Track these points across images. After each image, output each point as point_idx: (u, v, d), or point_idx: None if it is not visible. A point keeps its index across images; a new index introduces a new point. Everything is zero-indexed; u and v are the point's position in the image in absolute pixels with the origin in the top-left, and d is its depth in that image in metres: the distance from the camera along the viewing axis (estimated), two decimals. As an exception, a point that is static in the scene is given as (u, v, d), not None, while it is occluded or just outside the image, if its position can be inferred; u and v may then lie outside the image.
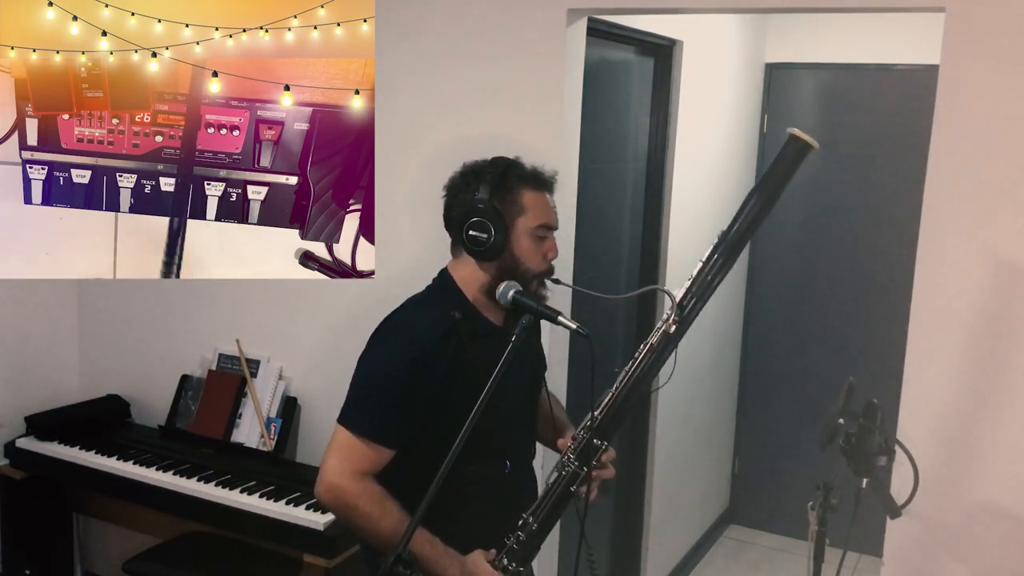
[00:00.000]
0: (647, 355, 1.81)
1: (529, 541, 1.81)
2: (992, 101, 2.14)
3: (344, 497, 1.81)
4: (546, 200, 1.93)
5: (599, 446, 1.82)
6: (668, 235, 3.54)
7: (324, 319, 3.03)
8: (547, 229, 1.92)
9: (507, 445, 1.97)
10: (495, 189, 1.87)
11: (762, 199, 1.80)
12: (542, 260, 1.91)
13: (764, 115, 4.48)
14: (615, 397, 1.82)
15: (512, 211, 1.87)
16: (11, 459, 3.18)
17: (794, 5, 2.58)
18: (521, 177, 1.91)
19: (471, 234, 1.85)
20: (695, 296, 1.81)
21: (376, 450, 1.82)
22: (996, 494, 2.23)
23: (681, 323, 1.80)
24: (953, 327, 2.23)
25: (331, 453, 1.84)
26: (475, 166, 1.94)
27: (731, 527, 4.76)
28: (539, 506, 1.83)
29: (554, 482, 1.83)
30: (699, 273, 1.81)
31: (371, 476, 1.83)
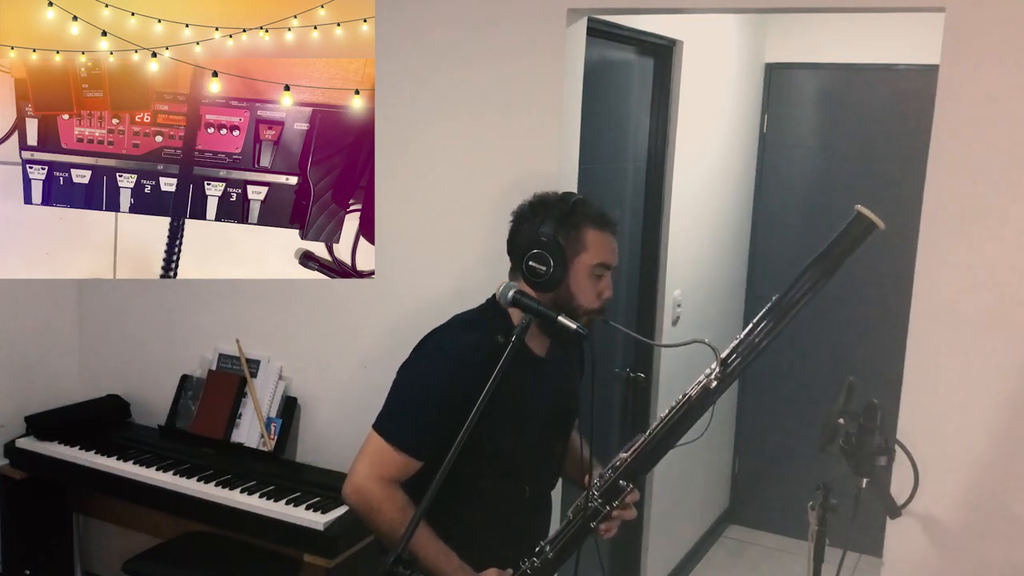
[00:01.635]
0: (683, 406, 1.85)
1: (543, 568, 1.87)
2: (992, 101, 2.14)
3: (370, 500, 1.86)
4: (608, 240, 1.96)
5: (624, 487, 1.88)
6: (668, 235, 3.54)
7: (324, 319, 3.03)
8: (605, 268, 1.95)
9: (529, 470, 2.02)
10: (560, 224, 1.89)
11: (819, 272, 1.83)
12: (596, 298, 1.94)
13: (764, 115, 4.48)
14: (646, 443, 1.88)
15: (574, 247, 1.90)
16: (11, 459, 3.18)
17: (794, 5, 2.58)
18: (587, 216, 1.93)
19: (531, 264, 1.88)
20: (740, 356, 1.84)
21: (406, 459, 1.88)
22: (996, 494, 2.23)
23: (723, 380, 1.83)
24: (953, 327, 2.22)
25: (362, 457, 1.90)
26: (545, 198, 1.97)
27: (731, 527, 4.76)
28: (558, 536, 1.88)
29: (575, 516, 1.88)
30: (747, 334, 1.84)
31: (398, 483, 1.88)
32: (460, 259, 2.73)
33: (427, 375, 1.92)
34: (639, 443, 1.88)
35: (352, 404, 2.96)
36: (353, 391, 2.96)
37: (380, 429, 1.90)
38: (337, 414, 3.04)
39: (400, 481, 1.89)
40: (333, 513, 2.68)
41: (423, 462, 1.89)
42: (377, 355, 2.87)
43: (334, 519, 2.66)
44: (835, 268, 1.82)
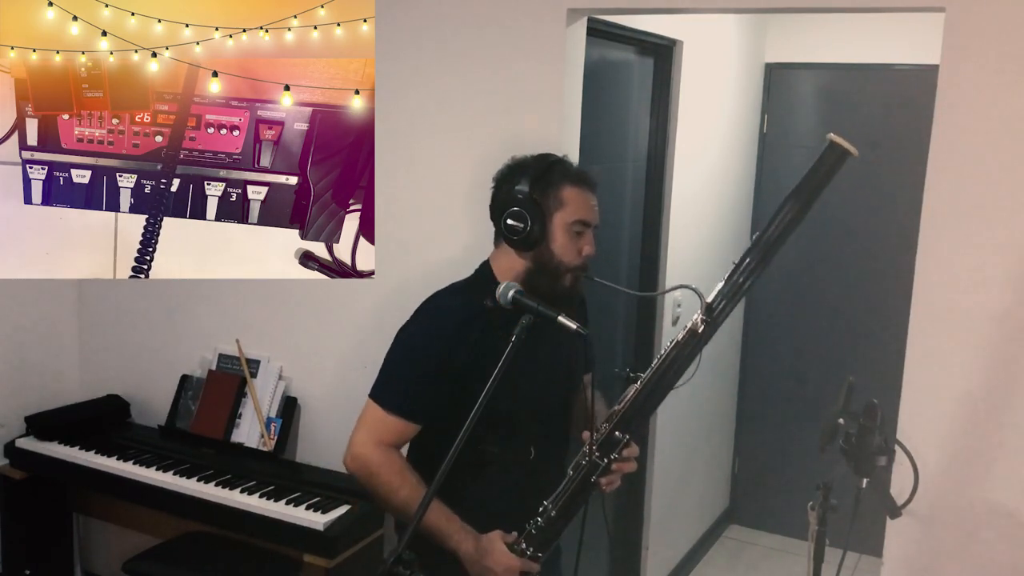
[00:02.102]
0: (673, 351, 1.85)
1: (548, 527, 1.86)
2: (992, 101, 2.14)
3: (368, 466, 1.91)
4: (587, 197, 1.98)
5: (621, 439, 1.87)
6: (668, 235, 3.54)
7: (324, 319, 3.03)
8: (584, 225, 1.96)
9: (531, 432, 2.02)
10: (536, 181, 1.93)
11: (797, 204, 1.82)
12: (577, 255, 1.95)
13: (764, 115, 4.48)
14: (639, 392, 1.86)
15: (551, 204, 1.93)
16: (11, 459, 3.18)
17: (794, 5, 2.58)
18: (564, 173, 1.96)
19: (508, 223, 1.93)
20: (725, 298, 1.85)
21: (401, 423, 1.93)
22: (996, 494, 2.23)
23: (710, 324, 1.83)
24: (953, 327, 2.23)
25: (360, 424, 1.95)
26: (522, 159, 2.01)
27: (731, 527, 4.76)
28: (559, 494, 1.88)
29: (575, 472, 1.88)
30: (731, 275, 1.85)
31: (395, 448, 1.93)
32: (460, 258, 2.72)
33: (415, 340, 1.97)
34: (632, 393, 1.87)
35: (352, 404, 2.94)
36: (353, 391, 2.94)
37: (375, 395, 1.96)
38: (337, 414, 3.03)
39: (398, 445, 1.94)
40: (333, 513, 2.68)
41: (419, 425, 1.94)
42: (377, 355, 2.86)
43: (334, 519, 2.66)
44: (812, 199, 1.81)
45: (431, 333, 1.95)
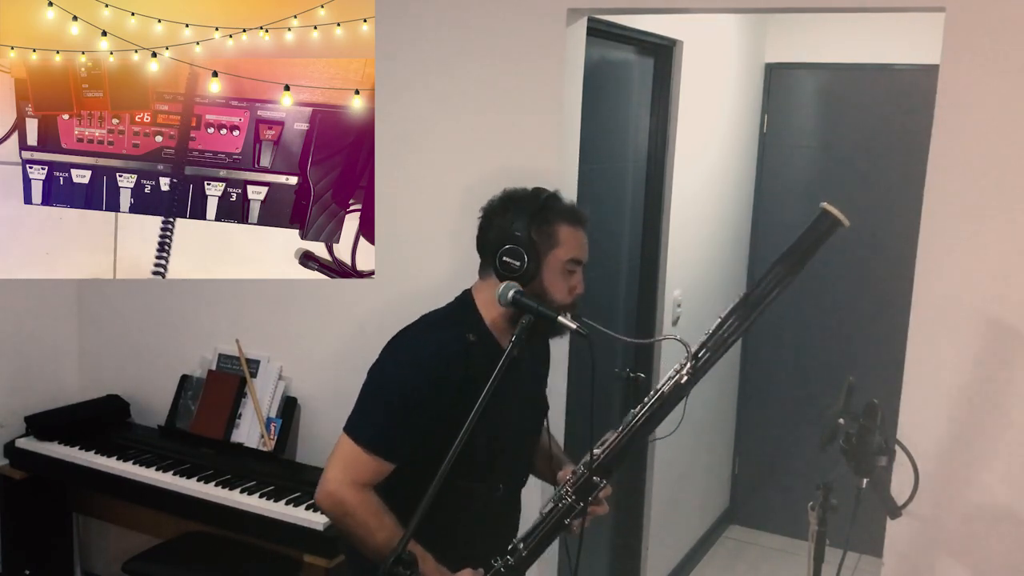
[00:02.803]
0: (656, 402, 1.86)
1: (517, 567, 1.86)
2: (992, 101, 2.14)
3: (343, 505, 1.84)
4: (580, 236, 1.96)
5: (597, 483, 1.87)
6: (668, 235, 3.54)
7: (324, 319, 3.03)
8: (576, 264, 1.95)
9: (504, 469, 2.01)
10: (533, 219, 1.89)
11: (785, 269, 1.83)
12: (568, 294, 1.94)
13: (764, 115, 4.48)
14: (619, 438, 1.87)
15: (547, 243, 1.90)
16: (11, 459, 3.18)
17: (794, 5, 2.58)
18: (559, 211, 1.94)
19: (504, 260, 1.89)
20: (710, 351, 1.86)
21: (378, 462, 1.85)
22: (996, 494, 2.23)
23: (693, 374, 1.85)
24: (953, 326, 2.23)
25: (334, 461, 1.87)
26: (515, 193, 1.97)
27: (731, 527, 4.76)
28: (531, 534, 1.87)
29: (549, 513, 1.88)
30: (715, 330, 1.86)
31: (371, 487, 1.86)
32: (460, 259, 2.73)
33: (398, 377, 1.90)
34: (612, 439, 1.87)
35: (352, 404, 2.96)
36: (353, 391, 2.93)
37: (351, 432, 1.87)
38: (337, 414, 3.00)
39: (373, 484, 1.86)
40: (333, 513, 2.68)
41: (396, 464, 1.87)
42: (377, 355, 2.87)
43: (334, 519, 2.66)
44: (801, 265, 1.82)
45: (416, 372, 1.87)
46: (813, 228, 1.82)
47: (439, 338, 1.92)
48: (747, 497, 4.77)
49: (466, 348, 1.88)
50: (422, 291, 2.81)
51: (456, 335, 1.90)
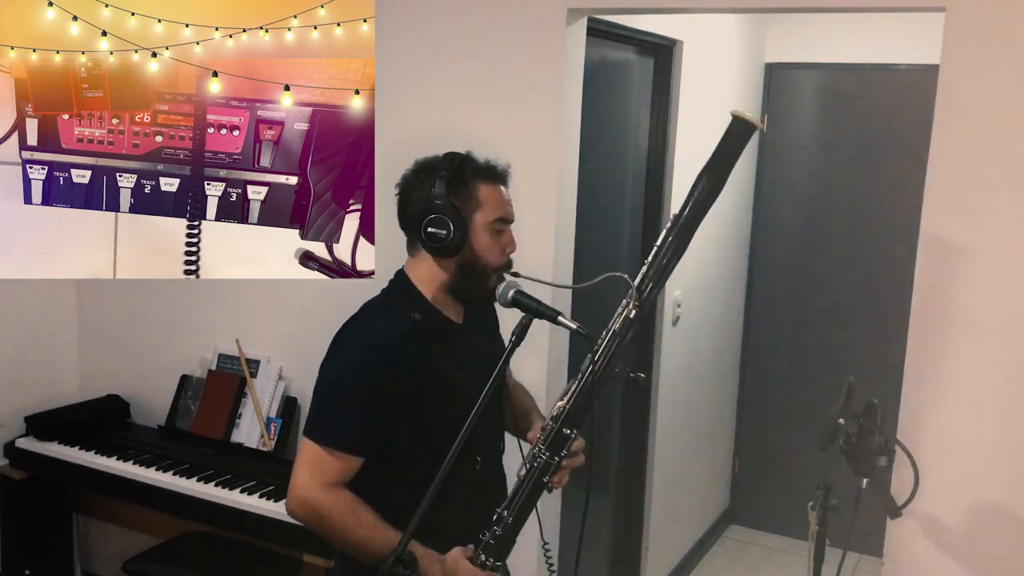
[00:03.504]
0: (610, 340, 1.82)
1: (505, 535, 1.81)
2: (992, 101, 2.14)
3: (317, 509, 1.79)
4: (502, 193, 1.91)
5: (569, 435, 1.82)
6: (668, 235, 3.54)
7: (324, 319, 3.01)
8: (504, 223, 1.90)
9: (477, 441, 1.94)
10: (451, 185, 1.84)
11: (711, 181, 1.83)
12: (500, 254, 1.89)
13: (764, 115, 4.47)
14: (580, 384, 1.81)
15: (469, 206, 1.85)
16: (11, 459, 3.18)
17: (794, 5, 2.58)
18: (476, 171, 1.88)
19: (430, 231, 1.83)
20: (651, 280, 1.82)
21: (344, 459, 1.81)
22: (996, 494, 2.23)
23: (640, 307, 1.81)
24: (953, 326, 2.23)
25: (300, 467, 1.82)
26: (428, 162, 1.92)
27: (731, 527, 4.76)
28: (512, 499, 1.82)
29: (526, 474, 1.83)
30: (654, 257, 1.83)
31: (342, 485, 1.81)
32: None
33: (348, 369, 1.85)
34: (575, 387, 1.82)
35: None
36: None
37: (312, 434, 1.82)
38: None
39: (343, 482, 1.81)
40: (333, 513, 2.68)
41: (362, 458, 1.82)
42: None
43: (334, 519, 2.66)
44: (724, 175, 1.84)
45: (368, 359, 1.82)
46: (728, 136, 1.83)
47: (385, 323, 1.87)
48: (747, 497, 4.77)
49: (414, 328, 1.83)
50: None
51: (401, 317, 1.85)
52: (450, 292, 1.89)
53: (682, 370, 3.81)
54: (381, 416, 1.82)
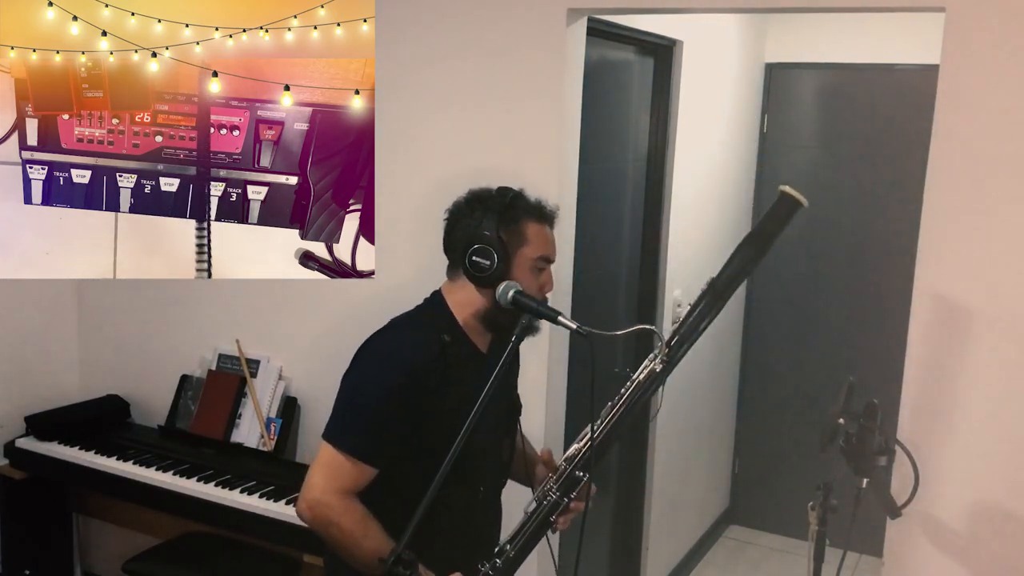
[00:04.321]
0: (633, 392, 1.85)
1: (505, 569, 1.84)
2: (992, 101, 2.14)
3: (328, 514, 1.81)
4: (548, 233, 1.96)
5: (581, 478, 1.85)
6: (668, 235, 3.54)
7: (324, 319, 3.03)
8: (546, 262, 1.94)
9: (483, 472, 2.00)
10: (501, 219, 1.89)
11: (751, 252, 1.84)
12: (538, 291, 1.93)
13: (764, 115, 4.48)
14: (600, 431, 1.85)
15: (515, 241, 1.90)
16: (11, 459, 3.18)
17: (794, 5, 2.58)
18: (526, 209, 1.93)
19: (474, 260, 1.87)
20: (682, 339, 1.86)
21: (361, 468, 1.83)
22: (996, 494, 2.23)
23: (668, 363, 1.85)
24: (953, 327, 2.23)
25: (316, 470, 1.85)
26: (481, 193, 1.96)
27: (731, 527, 4.76)
28: (517, 534, 1.86)
29: (534, 511, 1.86)
30: (686, 317, 1.86)
31: (354, 495, 1.84)
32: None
33: (376, 381, 1.87)
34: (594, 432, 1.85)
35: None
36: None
37: (332, 439, 1.84)
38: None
39: (356, 492, 1.84)
40: (333, 513, 2.68)
41: (378, 468, 1.85)
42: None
43: (334, 519, 2.66)
44: (766, 248, 1.84)
45: (397, 373, 1.85)
46: (774, 211, 1.84)
47: (415, 339, 1.90)
48: (747, 497, 4.77)
49: (442, 349, 1.87)
50: (422, 291, 2.81)
51: (431, 336, 1.89)
52: (483, 321, 1.92)
53: (682, 370, 3.81)
54: (400, 431, 1.85)
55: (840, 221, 4.34)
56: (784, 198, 1.82)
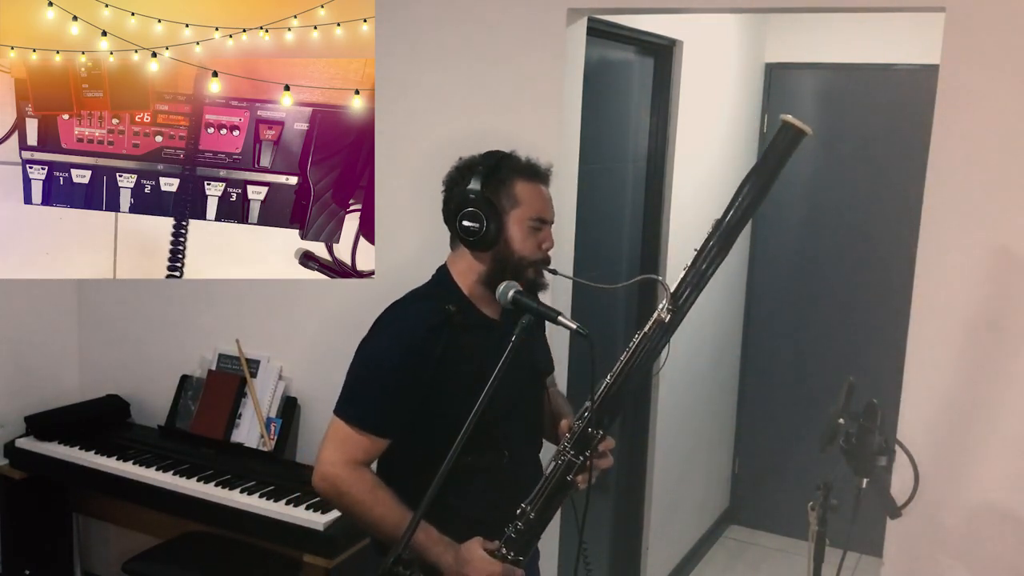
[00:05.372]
0: (641, 343, 1.82)
1: (528, 530, 1.82)
2: (992, 101, 2.14)
3: (338, 485, 1.85)
4: (541, 192, 1.95)
5: (595, 435, 1.83)
6: (668, 235, 3.54)
7: (324, 319, 3.03)
8: (541, 222, 1.93)
9: (503, 436, 1.97)
10: (487, 180, 1.89)
11: (756, 187, 1.79)
12: (537, 248, 1.93)
13: (764, 115, 4.48)
14: (611, 386, 1.83)
15: (506, 202, 1.90)
16: (11, 459, 3.18)
17: (794, 5, 2.58)
18: (515, 169, 1.93)
19: (464, 224, 1.89)
20: (690, 285, 1.81)
21: (370, 439, 1.87)
22: (996, 494, 2.23)
23: (675, 312, 1.80)
24: (953, 327, 2.23)
25: (326, 443, 1.89)
26: (470, 159, 1.97)
27: (731, 527, 4.76)
28: (536, 495, 1.83)
29: (551, 471, 1.84)
30: (694, 262, 1.82)
31: (366, 465, 1.88)
32: (460, 259, 2.73)
33: (379, 353, 1.91)
34: (603, 387, 1.83)
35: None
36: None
37: (341, 412, 1.89)
38: (337, 414, 3.03)
39: (367, 462, 1.88)
40: (333, 513, 2.68)
41: (388, 440, 1.88)
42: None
43: (334, 519, 2.66)
44: (770, 182, 1.79)
45: (397, 345, 1.89)
46: (775, 143, 1.78)
47: (419, 309, 1.93)
48: (747, 497, 4.77)
49: (447, 318, 1.88)
50: (422, 291, 2.81)
51: (435, 306, 1.90)
52: (487, 285, 1.92)
53: (682, 370, 3.81)
54: (407, 401, 1.87)
55: (840, 221, 4.34)
56: (785, 127, 1.77)
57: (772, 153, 1.79)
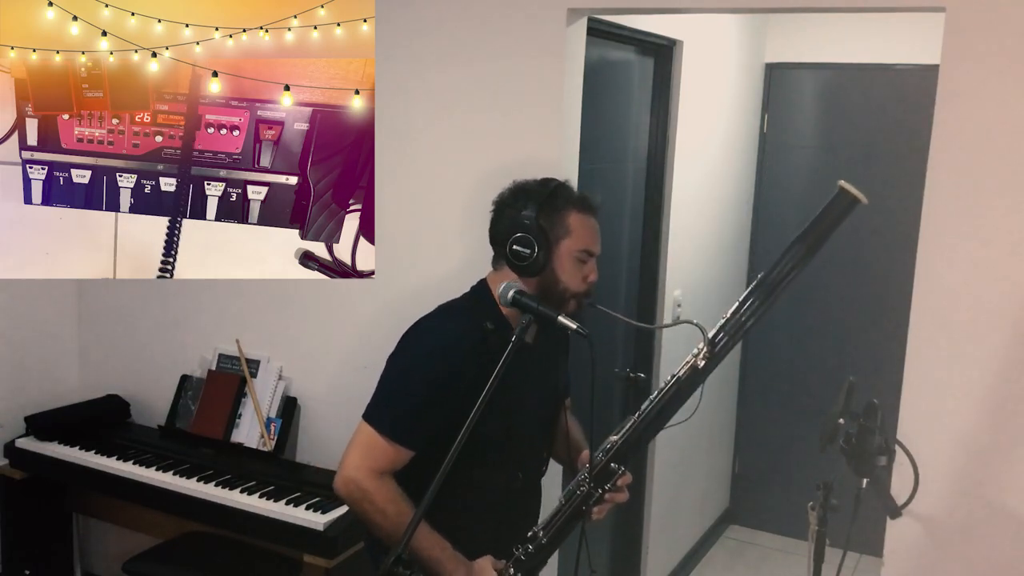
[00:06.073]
0: (673, 387, 1.84)
1: (537, 554, 1.86)
2: (992, 101, 2.14)
3: (361, 491, 1.87)
4: (592, 224, 1.97)
5: (615, 470, 1.86)
6: (668, 235, 3.54)
7: (324, 319, 3.03)
8: (588, 254, 1.96)
9: (521, 457, 2.02)
10: (543, 208, 1.91)
11: (803, 248, 1.80)
12: (582, 281, 1.95)
13: (764, 115, 4.48)
14: (636, 424, 1.86)
15: (558, 231, 1.91)
16: (11, 459, 3.18)
17: (794, 5, 2.58)
18: (568, 199, 1.95)
19: (515, 249, 1.90)
20: (727, 335, 1.83)
21: (397, 450, 1.88)
22: (996, 494, 2.23)
23: (711, 359, 1.82)
24: (953, 327, 2.22)
25: (353, 448, 1.90)
26: (525, 184, 1.98)
27: (731, 527, 4.76)
28: (551, 521, 1.87)
29: (568, 500, 1.88)
30: (733, 313, 1.84)
31: (389, 474, 1.89)
32: (460, 259, 2.73)
33: (417, 366, 1.92)
34: (629, 425, 1.86)
35: (353, 404, 2.93)
36: (353, 391, 2.94)
37: (370, 419, 1.90)
38: (337, 414, 3.03)
39: (391, 472, 1.89)
40: (333, 513, 2.68)
41: (414, 451, 1.89)
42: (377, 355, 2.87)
43: (334, 519, 2.66)
44: (818, 245, 1.80)
45: (435, 360, 1.90)
46: (830, 208, 1.78)
47: (458, 327, 1.94)
48: (747, 497, 4.77)
49: (484, 337, 1.89)
50: (422, 291, 2.81)
51: (474, 324, 1.91)
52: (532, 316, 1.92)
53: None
54: (438, 415, 1.87)
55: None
56: (842, 194, 1.76)
57: (825, 218, 1.80)
